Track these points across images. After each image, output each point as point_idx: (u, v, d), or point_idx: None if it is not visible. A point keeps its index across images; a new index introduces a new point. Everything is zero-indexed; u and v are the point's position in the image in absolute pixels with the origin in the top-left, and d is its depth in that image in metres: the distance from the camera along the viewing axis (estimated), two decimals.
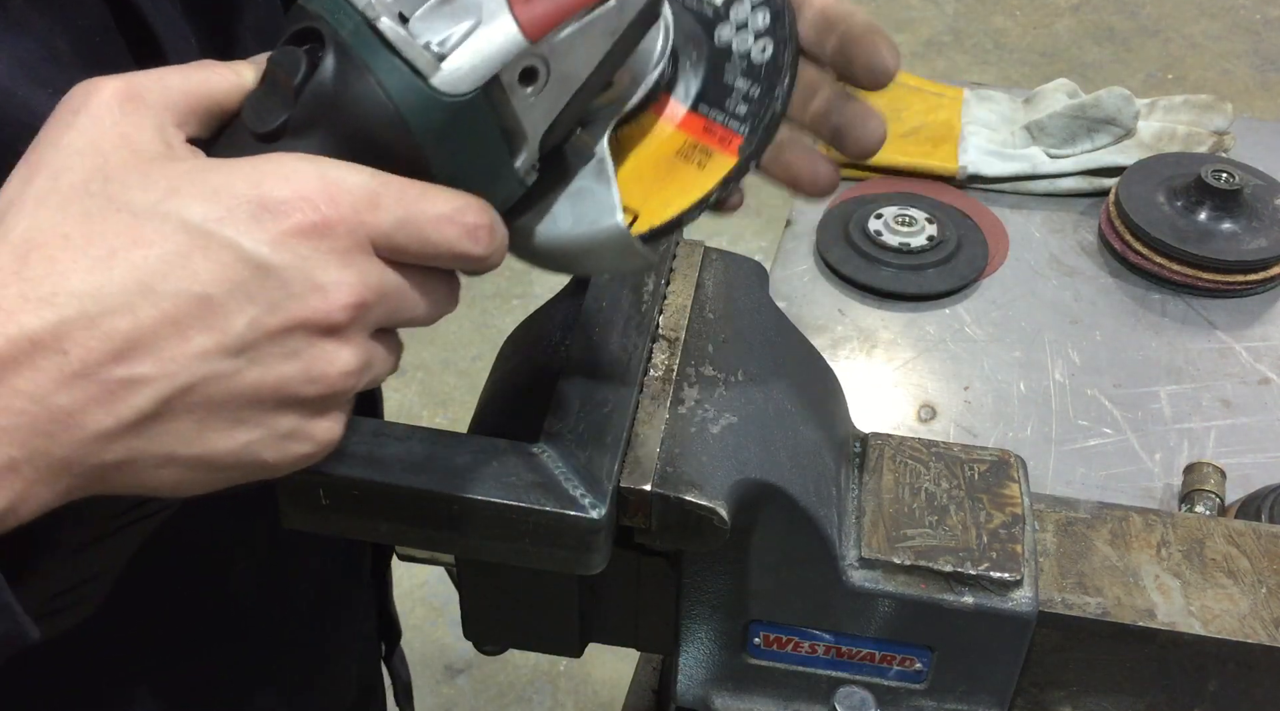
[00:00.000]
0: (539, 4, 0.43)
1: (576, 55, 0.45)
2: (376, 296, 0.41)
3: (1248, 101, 3.24)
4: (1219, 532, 0.64)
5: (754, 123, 0.49)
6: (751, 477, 0.54)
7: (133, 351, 0.38)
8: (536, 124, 0.45)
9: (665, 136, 0.50)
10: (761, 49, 0.50)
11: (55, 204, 0.39)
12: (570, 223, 0.48)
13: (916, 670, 0.61)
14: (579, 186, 0.49)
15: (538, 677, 2.02)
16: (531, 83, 0.44)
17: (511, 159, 0.46)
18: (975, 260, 1.11)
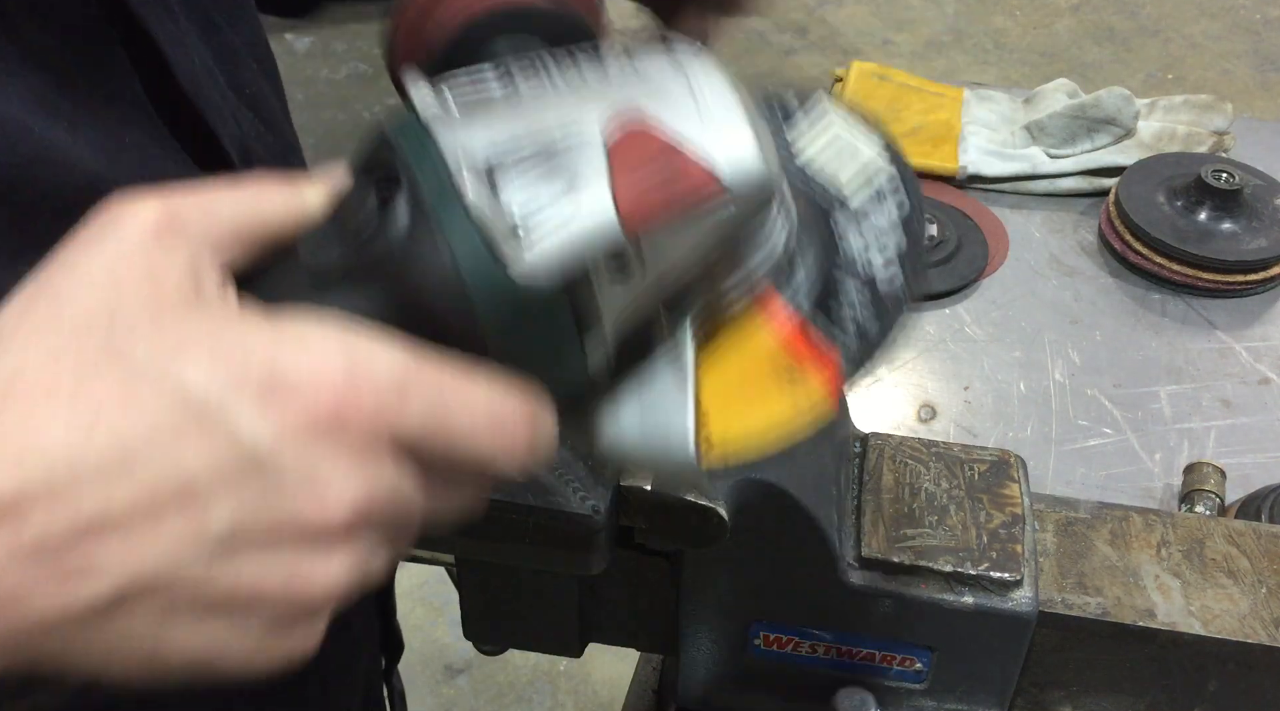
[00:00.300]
0: (645, 192, 0.37)
1: (675, 248, 0.39)
2: (384, 504, 0.36)
3: (1248, 101, 3.24)
4: (1219, 532, 0.64)
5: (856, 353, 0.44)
6: (751, 477, 0.54)
7: (98, 533, 0.33)
8: (616, 313, 0.39)
9: (757, 339, 0.44)
10: (889, 271, 0.44)
11: (50, 343, 0.34)
12: (631, 420, 0.43)
13: (917, 670, 0.61)
14: (651, 380, 0.43)
15: (538, 677, 2.02)
16: (618, 272, 0.38)
17: (581, 347, 0.39)
18: (975, 260, 1.11)
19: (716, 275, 0.42)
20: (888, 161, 0.45)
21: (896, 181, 0.45)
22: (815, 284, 0.44)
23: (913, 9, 3.70)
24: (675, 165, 0.37)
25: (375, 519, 0.36)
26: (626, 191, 0.36)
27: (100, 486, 0.33)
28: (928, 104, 1.29)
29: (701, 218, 0.38)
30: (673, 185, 0.37)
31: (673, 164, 0.37)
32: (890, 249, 0.44)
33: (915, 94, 1.31)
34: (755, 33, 3.59)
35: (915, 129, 1.25)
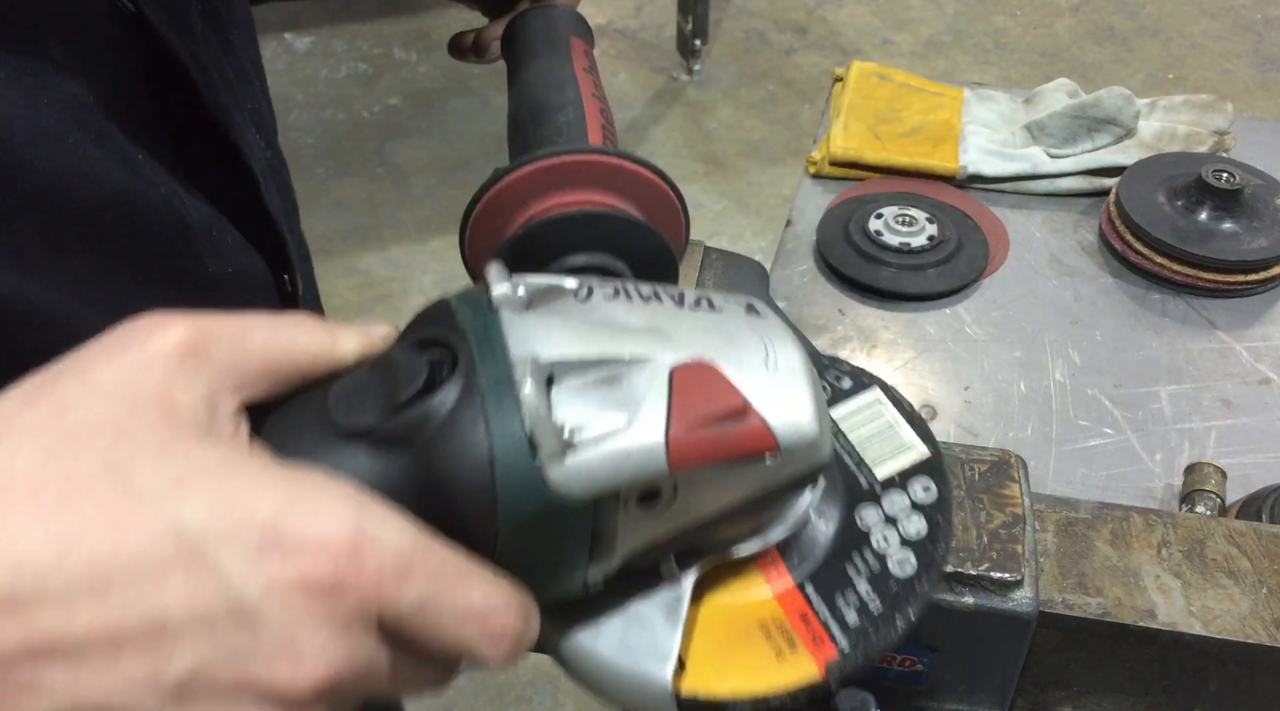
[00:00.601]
0: (699, 431, 0.36)
1: (709, 493, 0.39)
2: (356, 677, 0.35)
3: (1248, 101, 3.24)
4: (1220, 533, 0.64)
5: (859, 643, 0.42)
6: None
7: (50, 655, 0.31)
8: (632, 543, 0.39)
9: (756, 599, 0.43)
10: (901, 562, 0.44)
11: (45, 444, 0.33)
12: (615, 648, 0.42)
13: (917, 670, 0.61)
14: (642, 612, 0.42)
15: (538, 677, 2.02)
16: (648, 505, 0.38)
17: (587, 566, 0.39)
18: (975, 260, 1.11)
19: (737, 530, 0.42)
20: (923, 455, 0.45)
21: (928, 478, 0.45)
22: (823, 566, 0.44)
23: (913, 9, 3.69)
24: (736, 414, 0.37)
25: (342, 691, 0.35)
26: (681, 426, 0.36)
27: (64, 608, 0.31)
28: (928, 104, 1.29)
29: (745, 470, 0.38)
30: (728, 435, 0.37)
31: (732, 409, 0.37)
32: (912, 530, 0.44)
33: (915, 94, 1.31)
34: (755, 32, 3.59)
35: (915, 129, 1.25)
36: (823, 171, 1.23)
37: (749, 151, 3.14)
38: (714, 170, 3.08)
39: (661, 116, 3.27)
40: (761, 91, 3.36)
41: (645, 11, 3.68)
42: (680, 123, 3.25)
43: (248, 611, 0.33)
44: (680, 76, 3.41)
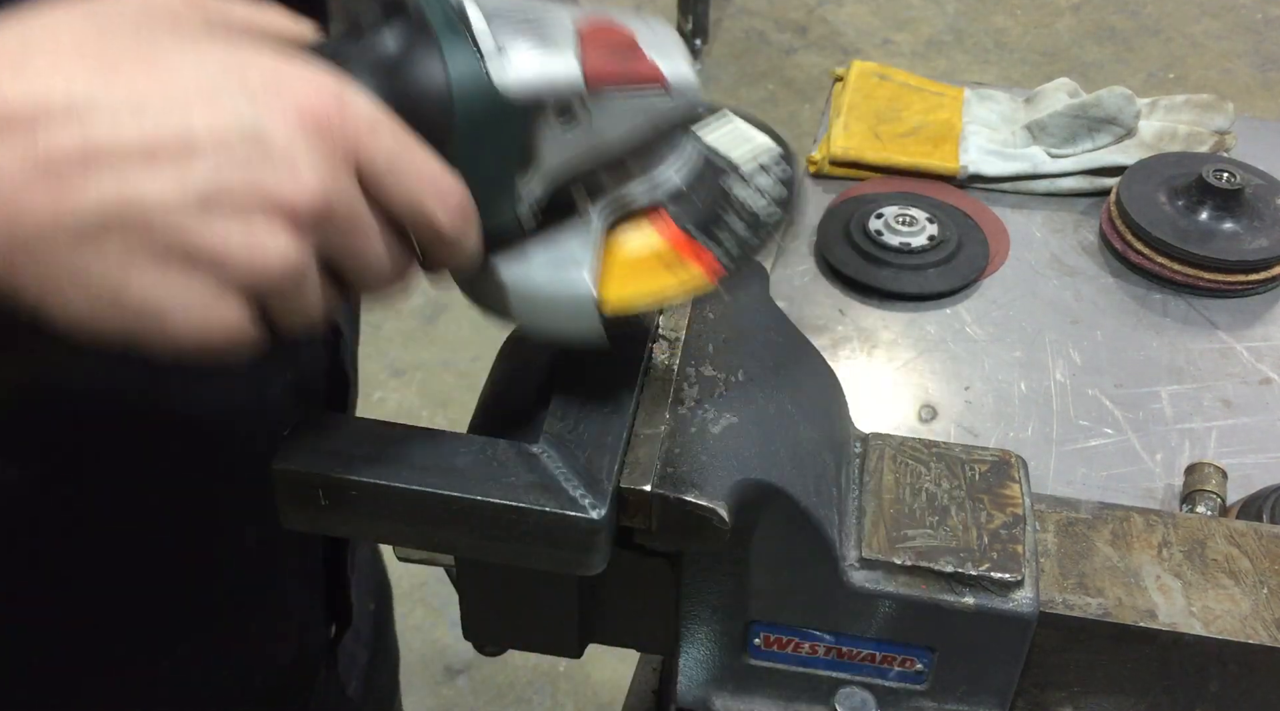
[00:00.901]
0: (607, 59, 0.46)
1: (615, 121, 0.47)
2: (341, 211, 0.41)
3: (1249, 101, 3.24)
4: (1220, 533, 0.64)
5: (735, 260, 0.52)
6: (752, 478, 0.54)
7: (100, 160, 0.38)
8: (552, 161, 0.47)
9: (652, 242, 0.52)
10: (768, 209, 0.53)
11: (80, 15, 0.39)
12: (540, 271, 0.50)
13: (917, 671, 0.61)
14: (562, 242, 0.50)
15: (538, 678, 2.02)
16: (567, 122, 0.46)
17: (516, 181, 0.47)
18: (976, 260, 1.11)
19: (630, 172, 0.50)
20: (768, 145, 0.55)
21: (780, 158, 0.55)
22: (701, 214, 0.53)
23: (913, 8, 3.69)
24: (632, 54, 0.47)
25: (333, 221, 0.41)
26: (591, 56, 0.46)
27: (111, 124, 0.38)
28: (928, 103, 1.28)
29: (643, 100, 0.47)
30: (628, 65, 0.47)
31: (631, 52, 0.47)
32: (769, 198, 0.54)
33: (916, 93, 1.31)
34: (755, 32, 3.59)
35: (916, 128, 1.25)
36: (823, 171, 1.23)
37: None
38: None
39: None
40: (761, 91, 3.36)
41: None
42: None
43: (258, 133, 0.39)
44: None
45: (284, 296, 0.42)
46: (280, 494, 0.51)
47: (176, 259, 0.39)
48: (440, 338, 2.57)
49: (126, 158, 0.38)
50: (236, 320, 0.41)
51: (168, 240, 0.39)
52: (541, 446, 0.52)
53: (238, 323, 0.41)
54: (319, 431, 0.52)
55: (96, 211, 0.38)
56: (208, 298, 0.40)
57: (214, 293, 0.40)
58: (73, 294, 0.39)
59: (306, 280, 0.42)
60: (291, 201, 0.40)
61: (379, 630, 0.99)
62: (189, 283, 0.40)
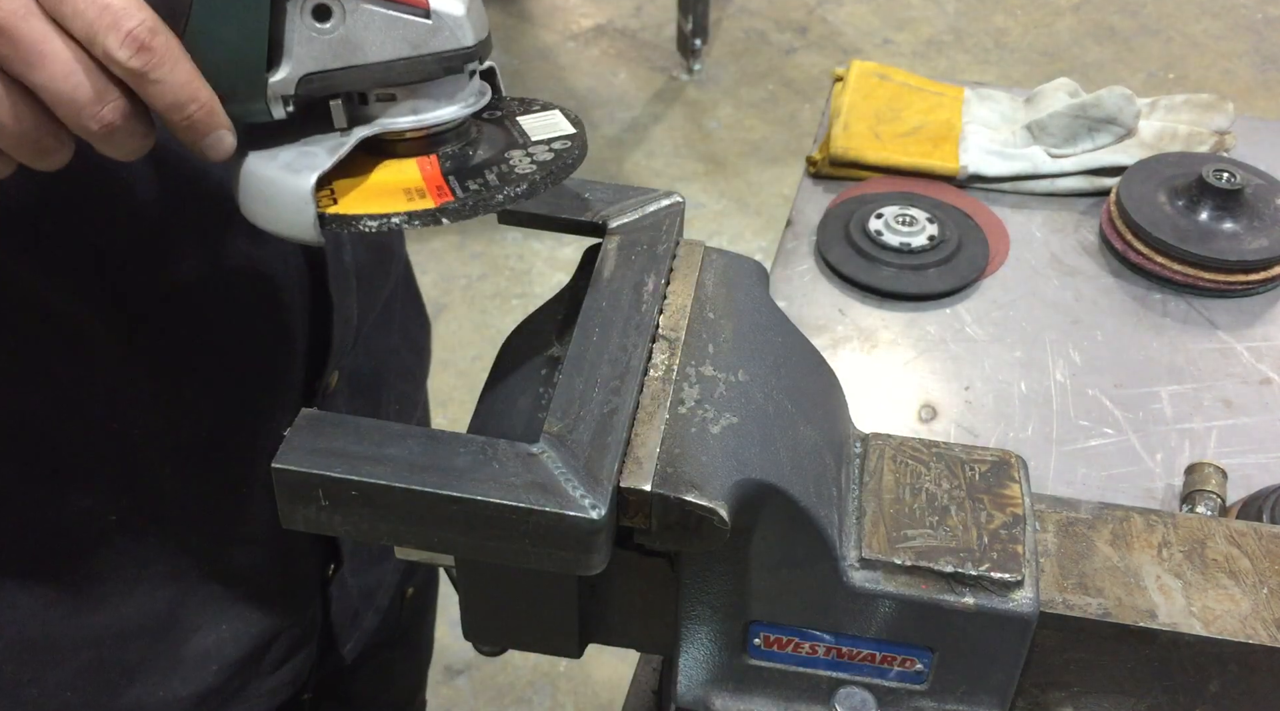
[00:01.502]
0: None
1: (372, 34, 0.49)
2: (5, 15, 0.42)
3: (1249, 101, 3.24)
4: (1220, 533, 0.64)
5: (471, 198, 0.53)
6: (751, 478, 0.54)
7: None
8: (303, 59, 0.49)
9: (409, 176, 0.55)
10: (526, 166, 0.55)
11: None
12: (279, 167, 0.52)
13: (917, 671, 0.61)
14: (311, 148, 0.52)
15: (538, 678, 2.02)
16: (320, 19, 0.48)
17: (265, 71, 0.49)
18: (976, 260, 1.11)
19: (398, 103, 0.52)
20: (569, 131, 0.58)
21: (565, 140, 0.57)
22: (467, 167, 0.55)
23: (913, 8, 3.69)
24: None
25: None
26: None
27: None
28: (928, 103, 1.28)
29: (402, 18, 0.49)
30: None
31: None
32: (541, 155, 0.56)
33: (916, 93, 1.31)
34: (755, 32, 3.59)
35: (916, 128, 1.25)
36: (823, 171, 1.23)
37: (749, 151, 3.14)
38: (714, 170, 3.07)
39: (661, 116, 3.27)
40: (761, 91, 3.36)
41: (645, 11, 3.68)
42: (680, 122, 3.25)
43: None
44: (680, 76, 3.41)
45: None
46: (280, 493, 0.51)
47: None
48: (440, 337, 2.57)
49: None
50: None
51: None
52: (541, 446, 0.52)
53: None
54: (319, 431, 0.52)
55: None
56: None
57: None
58: None
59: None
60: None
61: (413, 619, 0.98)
62: None
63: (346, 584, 0.89)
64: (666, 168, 3.07)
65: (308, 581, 0.86)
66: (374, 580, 0.92)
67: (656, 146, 3.15)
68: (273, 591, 0.82)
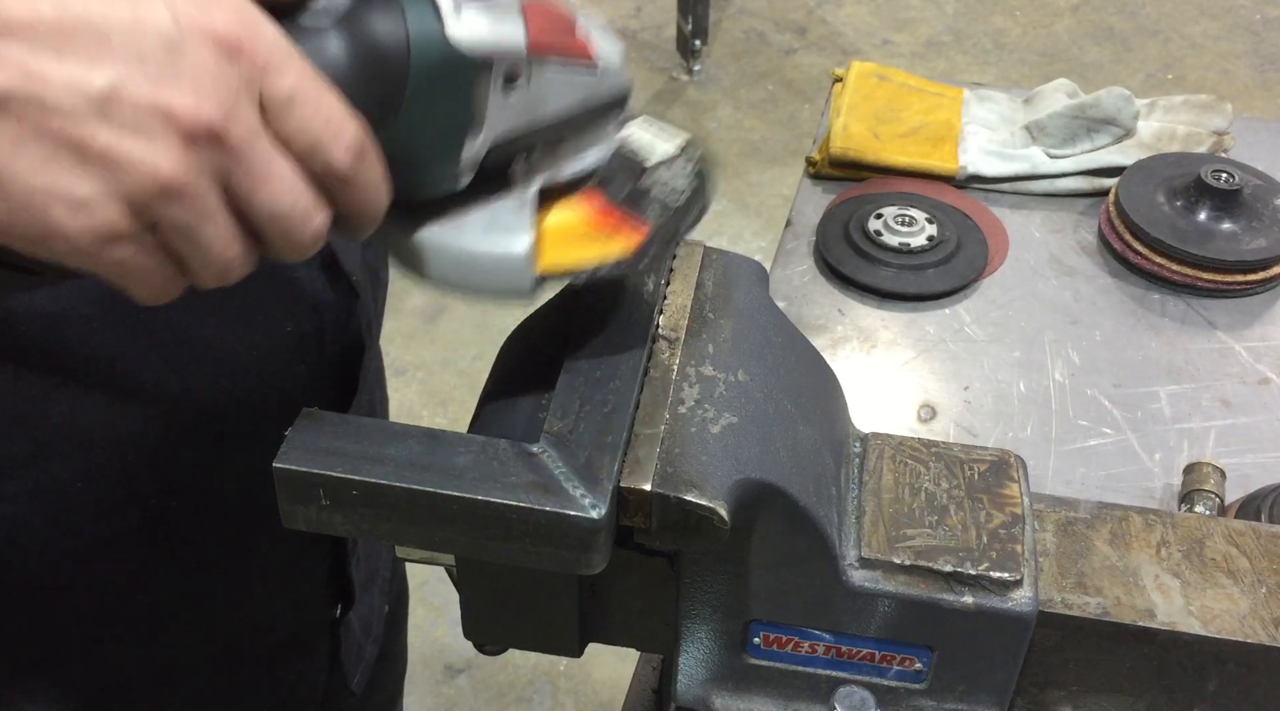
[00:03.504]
0: (548, 30, 0.49)
1: (553, 92, 0.51)
2: (237, 136, 0.41)
3: (1247, 101, 3.24)
4: (1219, 532, 0.64)
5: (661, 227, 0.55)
6: (751, 477, 0.54)
7: (13, 34, 0.38)
8: (494, 126, 0.49)
9: (585, 215, 0.55)
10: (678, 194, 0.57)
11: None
12: (477, 238, 0.52)
13: (916, 670, 0.61)
14: (498, 212, 0.52)
15: (538, 677, 2.02)
16: (511, 88, 0.49)
17: (461, 145, 0.49)
18: (975, 260, 1.11)
19: (564, 151, 0.53)
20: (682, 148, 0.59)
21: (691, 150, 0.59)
22: (627, 195, 0.56)
23: (913, 9, 3.69)
24: (571, 30, 0.50)
25: (229, 145, 0.41)
26: (535, 26, 0.48)
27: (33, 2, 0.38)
28: (928, 104, 1.29)
29: (576, 75, 0.51)
30: (567, 39, 0.50)
31: (569, 29, 0.50)
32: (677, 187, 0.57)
33: (915, 94, 1.31)
34: (755, 32, 3.59)
35: (915, 129, 1.25)
36: (822, 171, 1.23)
37: (749, 151, 3.14)
38: None
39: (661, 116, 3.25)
40: (761, 91, 3.36)
41: (645, 11, 3.68)
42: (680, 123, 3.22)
43: (173, 43, 0.40)
44: (680, 76, 3.41)
45: (174, 215, 0.42)
46: (281, 493, 0.51)
47: (67, 152, 0.39)
48: (441, 337, 2.57)
49: (37, 38, 0.38)
50: (116, 225, 0.41)
51: (62, 131, 0.39)
52: (541, 446, 0.52)
53: (118, 228, 0.41)
54: (319, 431, 0.52)
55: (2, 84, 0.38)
56: (93, 197, 0.40)
57: (100, 193, 0.40)
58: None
59: (198, 201, 0.42)
60: (191, 118, 0.40)
61: (391, 633, 0.99)
62: (76, 178, 0.40)
63: (351, 622, 0.89)
64: None
65: (320, 627, 0.86)
66: (369, 609, 0.92)
67: None
68: (287, 643, 0.81)
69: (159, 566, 0.71)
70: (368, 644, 0.93)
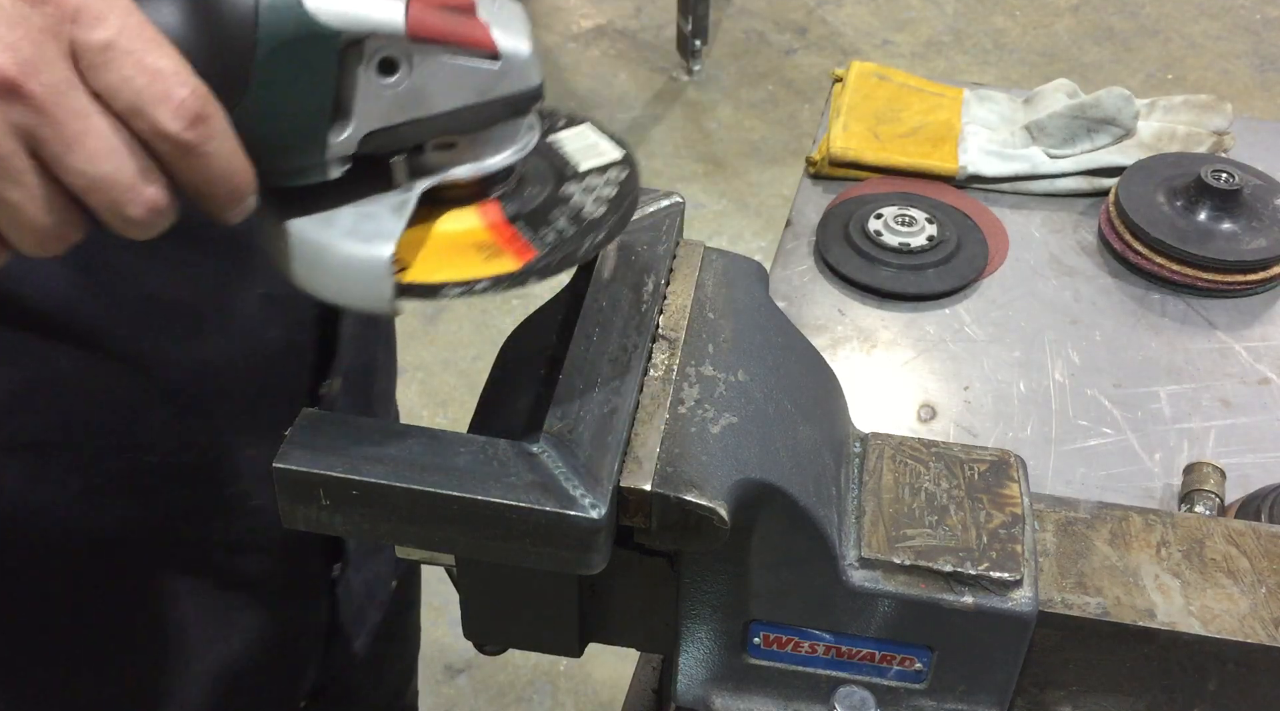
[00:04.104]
0: (435, 14, 0.44)
1: (438, 84, 0.45)
2: (41, 92, 0.37)
3: (1247, 101, 3.24)
4: (1219, 532, 0.64)
5: (553, 251, 0.50)
6: (751, 477, 0.54)
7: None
8: (368, 116, 0.45)
9: (474, 227, 0.51)
10: (595, 208, 0.52)
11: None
12: (342, 234, 0.47)
13: (916, 670, 0.61)
14: (372, 209, 0.48)
15: (538, 677, 2.02)
16: (386, 75, 0.44)
17: (327, 131, 0.45)
18: (975, 260, 1.11)
19: (459, 153, 0.49)
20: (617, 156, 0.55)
21: (620, 168, 0.55)
22: (528, 208, 0.52)
23: (913, 9, 3.70)
24: (464, 17, 0.45)
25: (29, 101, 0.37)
26: (418, 6, 0.43)
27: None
28: (928, 104, 1.29)
29: (470, 66, 0.45)
30: (457, 25, 0.44)
31: (464, 15, 0.45)
32: (598, 199, 0.53)
33: (915, 94, 1.31)
34: (755, 33, 3.59)
35: (915, 129, 1.25)
36: (822, 171, 1.23)
37: (749, 151, 3.14)
38: (714, 170, 3.07)
39: (661, 116, 3.27)
40: (761, 91, 3.36)
41: (645, 11, 3.68)
42: (680, 123, 3.25)
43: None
44: (680, 76, 3.41)
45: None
46: (281, 493, 0.51)
47: None
48: (440, 337, 2.57)
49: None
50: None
51: None
52: (541, 446, 0.52)
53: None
54: (319, 431, 0.52)
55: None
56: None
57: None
58: None
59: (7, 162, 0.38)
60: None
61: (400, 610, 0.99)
62: None
63: (351, 582, 0.89)
64: (666, 168, 3.07)
65: (316, 583, 0.86)
66: (374, 574, 0.92)
67: (656, 147, 3.15)
68: (282, 597, 0.82)
69: (140, 521, 0.71)
70: (370, 608, 0.92)
